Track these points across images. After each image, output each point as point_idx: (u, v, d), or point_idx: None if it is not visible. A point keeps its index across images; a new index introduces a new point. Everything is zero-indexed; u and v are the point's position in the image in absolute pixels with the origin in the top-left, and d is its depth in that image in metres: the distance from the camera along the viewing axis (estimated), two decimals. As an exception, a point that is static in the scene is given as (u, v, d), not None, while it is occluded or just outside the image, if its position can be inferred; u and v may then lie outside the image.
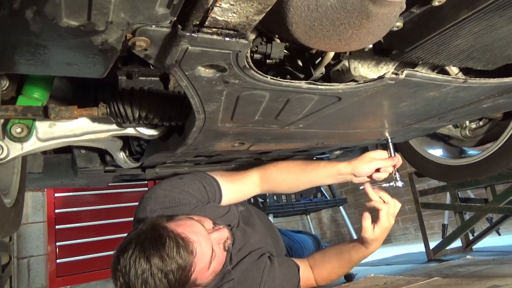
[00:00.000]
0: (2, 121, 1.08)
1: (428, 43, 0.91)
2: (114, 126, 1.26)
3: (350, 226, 4.74)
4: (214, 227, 1.28)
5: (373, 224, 1.39)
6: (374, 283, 1.69)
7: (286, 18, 0.69)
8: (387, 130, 1.49)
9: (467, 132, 2.13)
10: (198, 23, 0.62)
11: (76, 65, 0.70)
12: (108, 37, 0.60)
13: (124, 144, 1.49)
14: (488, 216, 2.77)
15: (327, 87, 0.92)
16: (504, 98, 1.24)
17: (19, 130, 1.09)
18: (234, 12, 0.60)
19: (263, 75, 0.82)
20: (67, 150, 1.61)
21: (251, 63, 0.77)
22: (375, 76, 1.15)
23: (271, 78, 0.84)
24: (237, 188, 1.52)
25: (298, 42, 0.75)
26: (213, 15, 0.60)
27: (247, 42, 0.68)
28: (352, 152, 2.14)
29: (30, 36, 0.57)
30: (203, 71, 0.77)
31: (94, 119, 1.23)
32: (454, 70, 1.25)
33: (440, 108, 1.27)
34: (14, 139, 1.09)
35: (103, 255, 4.31)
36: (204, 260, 1.16)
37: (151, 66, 1.14)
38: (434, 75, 0.97)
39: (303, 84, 0.89)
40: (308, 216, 5.49)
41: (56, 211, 4.34)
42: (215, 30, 0.64)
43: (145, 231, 1.13)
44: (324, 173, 1.49)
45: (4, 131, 1.08)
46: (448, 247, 2.67)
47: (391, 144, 1.52)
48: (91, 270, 4.27)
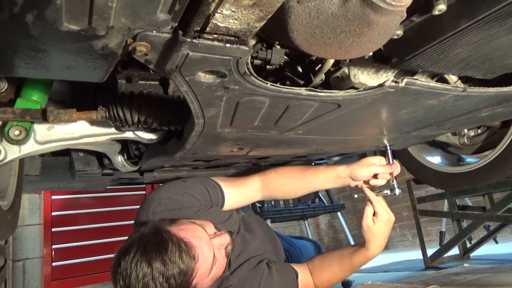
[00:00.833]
0: (0, 123, 1.07)
1: (428, 51, 0.91)
2: (113, 130, 1.26)
3: (348, 232, 4.72)
4: (216, 232, 1.27)
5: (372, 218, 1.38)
6: (372, 290, 1.69)
7: (287, 25, 0.69)
8: (386, 137, 1.50)
9: (466, 140, 2.14)
10: (199, 29, 0.62)
11: (76, 69, 0.70)
12: (109, 41, 0.60)
13: (122, 147, 1.49)
14: (486, 224, 2.76)
15: (326, 94, 0.92)
16: (502, 107, 1.24)
17: (17, 132, 1.09)
18: (236, 19, 0.60)
19: (263, 82, 0.82)
20: (65, 152, 1.60)
21: (252, 69, 0.77)
22: (375, 83, 1.15)
23: (271, 85, 0.84)
24: (239, 193, 1.52)
25: (298, 49, 0.75)
26: (214, 22, 0.60)
27: (247, 48, 0.68)
28: (350, 158, 2.14)
29: (30, 40, 0.57)
30: (203, 77, 0.77)
31: (93, 123, 1.23)
32: (453, 78, 1.25)
33: (439, 116, 1.27)
34: (12, 141, 1.09)
35: (100, 259, 4.29)
36: (206, 266, 1.16)
37: (151, 71, 1.13)
38: (434, 83, 0.98)
39: (303, 91, 0.89)
40: (306, 221, 5.47)
41: (53, 213, 4.32)
42: (216, 36, 0.64)
43: (147, 234, 1.12)
44: (323, 177, 1.49)
45: (2, 134, 1.07)
46: (446, 255, 2.66)
47: (389, 151, 1.52)
48: (87, 273, 4.24)
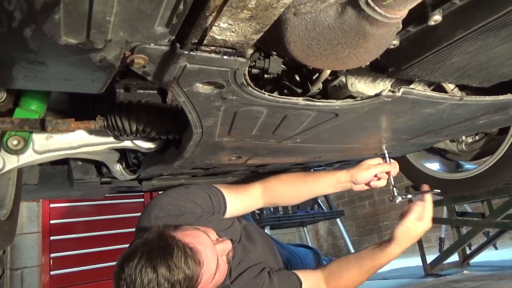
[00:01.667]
0: (-2, 133, 1.08)
1: (424, 61, 0.92)
2: (111, 139, 1.26)
3: (347, 238, 4.71)
4: (219, 238, 1.27)
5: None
6: (371, 298, 1.68)
7: (284, 37, 0.70)
8: (384, 145, 1.50)
9: (464, 147, 2.15)
10: (197, 41, 0.62)
11: (74, 81, 0.70)
12: (107, 54, 0.60)
13: (121, 156, 1.49)
14: (485, 230, 2.76)
15: (324, 103, 0.92)
16: (499, 114, 1.25)
17: (15, 142, 1.09)
18: (233, 31, 0.61)
19: (261, 92, 0.83)
20: (63, 161, 1.60)
21: (249, 80, 0.77)
22: (372, 92, 1.16)
23: (268, 95, 0.84)
24: (241, 200, 1.51)
25: (295, 60, 0.76)
26: (211, 34, 0.60)
27: (245, 60, 0.69)
28: (349, 165, 2.14)
29: (29, 53, 0.58)
30: (201, 88, 0.78)
31: (91, 132, 1.23)
32: (450, 86, 1.26)
33: (437, 124, 1.28)
34: (10, 151, 1.09)
35: (98, 267, 4.26)
36: (210, 272, 1.15)
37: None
38: (430, 92, 0.98)
39: (300, 101, 0.90)
40: (305, 228, 5.46)
41: (51, 221, 4.30)
42: (213, 48, 0.65)
43: (151, 240, 1.11)
44: (324, 182, 1.50)
45: (1, 143, 1.07)
46: (445, 262, 2.65)
47: (388, 159, 1.52)
48: (85, 282, 4.21)
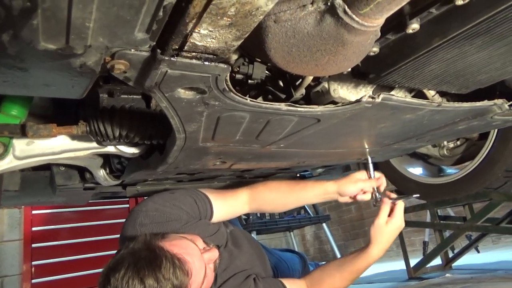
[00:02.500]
0: (-23, 138, 1.06)
1: (403, 68, 0.94)
2: (94, 144, 1.25)
3: (333, 243, 4.74)
4: (206, 247, 1.26)
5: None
6: (355, 302, 1.69)
7: (264, 43, 0.71)
8: (367, 150, 1.52)
9: (445, 152, 2.19)
10: (178, 47, 0.63)
11: (54, 86, 0.70)
12: (87, 60, 0.60)
13: (104, 161, 1.47)
14: (467, 233, 2.82)
15: (306, 109, 0.93)
16: (477, 120, 1.28)
17: (-5, 148, 1.07)
18: (213, 38, 0.61)
19: (243, 97, 0.83)
20: (45, 167, 1.58)
21: (231, 86, 0.78)
22: (354, 97, 1.18)
23: (250, 100, 0.85)
24: (227, 205, 1.51)
25: (276, 66, 0.77)
26: (192, 40, 0.61)
27: (226, 66, 0.69)
28: (334, 170, 2.16)
29: (7, 59, 0.57)
30: (183, 93, 0.78)
31: (74, 137, 1.22)
32: (431, 93, 1.29)
33: (417, 129, 1.31)
34: (-10, 157, 1.07)
35: (82, 275, 4.18)
36: (198, 281, 1.15)
37: (133, 85, 1.14)
38: (409, 99, 1.00)
39: (283, 106, 0.91)
40: (292, 233, 5.47)
41: (33, 228, 4.21)
42: (194, 54, 0.65)
43: (138, 250, 1.09)
44: (311, 192, 1.50)
45: (-21, 149, 1.06)
46: (428, 265, 2.69)
47: (371, 164, 1.54)
48: (68, 290, 4.13)
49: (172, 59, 0.64)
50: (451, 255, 2.83)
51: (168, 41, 0.61)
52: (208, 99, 0.81)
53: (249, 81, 1.05)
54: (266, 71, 1.08)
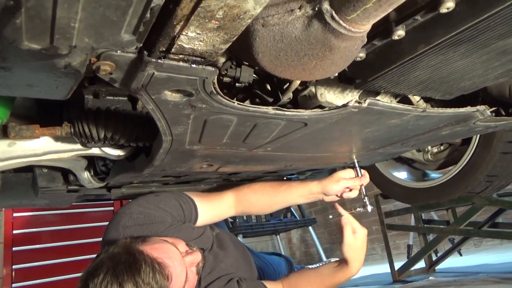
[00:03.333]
0: (-44, 139, 1.03)
1: (389, 73, 0.95)
2: (79, 146, 1.23)
3: (319, 246, 4.76)
4: (188, 250, 1.25)
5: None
6: (341, 305, 1.70)
7: (252, 47, 0.71)
8: (353, 154, 1.54)
9: (429, 156, 2.23)
10: (165, 49, 0.62)
11: (38, 86, 0.68)
12: (72, 60, 0.59)
13: (89, 163, 1.45)
14: (450, 237, 2.86)
15: (293, 113, 0.94)
16: (461, 126, 1.31)
17: (-25, 148, 1.05)
18: (201, 41, 0.61)
19: (230, 101, 0.83)
20: (27, 168, 1.54)
21: (218, 89, 0.78)
22: (341, 102, 1.19)
23: (238, 104, 0.85)
24: (213, 208, 1.50)
25: (264, 70, 0.77)
26: (179, 43, 0.60)
27: (213, 69, 0.69)
28: (321, 173, 2.17)
29: (-11, 58, 0.56)
30: (170, 95, 0.77)
31: (57, 139, 1.20)
32: (416, 98, 1.31)
33: (402, 134, 1.32)
34: (-31, 158, 1.05)
35: (64, 278, 4.10)
36: (178, 285, 1.14)
37: (119, 87, 1.12)
38: (395, 104, 1.02)
39: (270, 110, 0.91)
40: (278, 236, 5.47)
41: (14, 231, 4.11)
42: (181, 56, 0.65)
43: (117, 254, 1.08)
44: (296, 193, 1.52)
45: (-41, 150, 1.03)
46: (412, 268, 2.72)
47: (357, 168, 1.56)
48: (49, 294, 4.04)
49: (159, 61, 0.63)
50: (434, 258, 2.87)
51: (155, 43, 0.61)
52: (195, 102, 0.81)
53: (236, 84, 1.05)
54: (254, 75, 1.08)
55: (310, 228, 4.80)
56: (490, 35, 0.81)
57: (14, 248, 4.07)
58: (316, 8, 0.63)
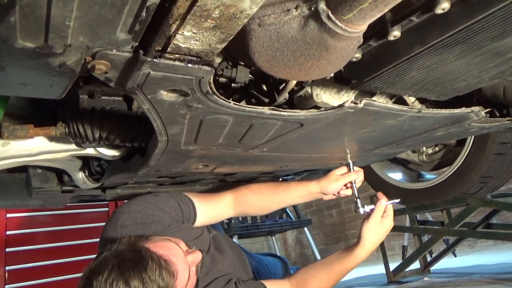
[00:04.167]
0: (-51, 139, 1.02)
1: (385, 74, 0.95)
2: (73, 146, 1.22)
3: (314, 247, 4.76)
4: (188, 249, 1.25)
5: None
6: (336, 306, 1.69)
7: (248, 47, 0.71)
8: (349, 155, 1.54)
9: (424, 157, 2.24)
10: (161, 49, 0.62)
11: (32, 85, 0.68)
12: (66, 59, 0.59)
13: (83, 164, 1.44)
14: (445, 238, 2.87)
15: (289, 113, 0.94)
16: (455, 127, 1.31)
17: (-32, 148, 1.04)
18: (197, 40, 0.61)
19: (226, 101, 0.83)
20: (21, 169, 1.53)
21: (214, 89, 0.78)
22: (337, 102, 1.19)
23: (234, 104, 0.85)
24: (211, 209, 1.50)
25: (260, 70, 0.77)
26: (175, 42, 0.60)
27: (209, 69, 0.69)
28: (316, 174, 2.17)
29: (-18, 56, 0.55)
30: (166, 95, 0.77)
31: (52, 139, 1.19)
32: (411, 99, 1.32)
33: (398, 135, 1.33)
34: (-38, 158, 1.03)
35: (58, 280, 4.07)
36: (182, 283, 1.13)
37: (114, 87, 1.12)
38: (391, 105, 1.02)
39: (266, 110, 0.91)
40: (273, 237, 5.46)
41: (8, 232, 4.07)
42: (177, 56, 0.64)
43: (122, 251, 1.06)
44: (294, 193, 1.52)
45: (-49, 150, 1.02)
46: (407, 269, 2.73)
47: (351, 164, 1.56)
48: (43, 295, 4.01)
49: (154, 60, 0.63)
50: (429, 259, 2.88)
51: (151, 42, 0.61)
52: (191, 102, 0.81)
53: (232, 84, 1.05)
54: (250, 75, 1.08)
55: (306, 229, 4.80)
56: (485, 37, 0.82)
57: (7, 249, 4.03)
58: (313, 8, 0.63)
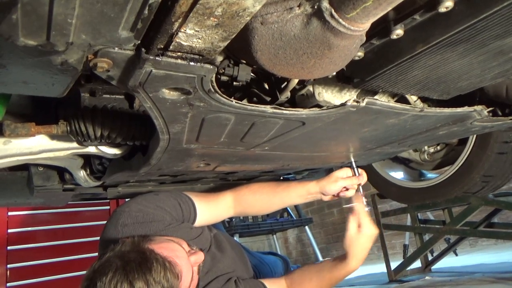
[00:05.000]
0: (-49, 137, 1.02)
1: (387, 73, 0.95)
2: (75, 144, 1.22)
3: (315, 246, 4.76)
4: (191, 250, 1.25)
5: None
6: (337, 305, 1.69)
7: (251, 45, 0.70)
8: (351, 153, 1.54)
9: (426, 156, 2.23)
10: (163, 47, 0.62)
11: (34, 84, 0.67)
12: (68, 57, 0.59)
13: (84, 162, 1.44)
14: (446, 237, 2.87)
15: (291, 112, 0.94)
16: (458, 126, 1.31)
17: (-31, 146, 1.04)
18: (199, 38, 0.61)
19: (228, 99, 0.83)
20: (23, 167, 1.53)
21: (216, 87, 0.77)
22: (339, 101, 1.19)
23: (236, 102, 0.85)
24: (211, 209, 1.50)
25: (263, 68, 0.77)
26: (177, 40, 0.60)
27: (212, 67, 0.69)
28: (318, 173, 2.17)
29: (-16, 54, 0.55)
30: (168, 93, 0.77)
31: (53, 137, 1.19)
32: (413, 98, 1.31)
33: (400, 134, 1.32)
34: (-36, 156, 1.03)
35: (59, 278, 4.08)
36: (185, 284, 1.14)
37: (116, 85, 1.12)
38: (393, 103, 1.02)
39: (268, 109, 0.91)
40: (274, 236, 5.47)
41: (9, 230, 4.08)
42: (179, 54, 0.64)
43: (126, 252, 1.06)
44: (294, 193, 1.52)
45: (-47, 148, 1.02)
46: (408, 268, 2.73)
47: (355, 168, 1.56)
48: (45, 293, 4.02)
49: (157, 58, 0.63)
50: (430, 258, 2.88)
51: (153, 40, 0.60)
52: (193, 100, 0.80)
53: (234, 83, 1.04)
54: (252, 74, 1.07)
55: (307, 227, 4.80)
56: (488, 35, 0.81)
57: (9, 247, 4.04)
58: (316, 6, 0.63)
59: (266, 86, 1.19)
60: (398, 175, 2.40)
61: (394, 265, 2.77)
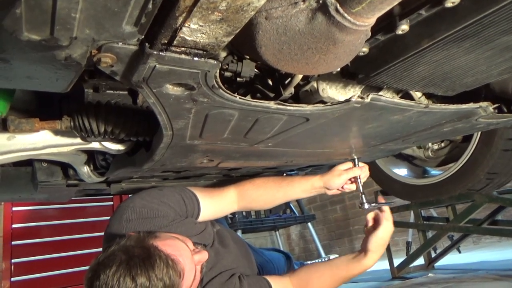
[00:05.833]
0: (-45, 132, 1.02)
1: (392, 69, 0.94)
2: (78, 140, 1.22)
3: (318, 242, 4.76)
4: (195, 248, 1.25)
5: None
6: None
7: (255, 40, 0.70)
8: (354, 150, 1.53)
9: (430, 153, 2.22)
10: (167, 42, 0.62)
11: (37, 79, 0.67)
12: (72, 52, 0.58)
13: (88, 158, 1.44)
14: (450, 234, 2.86)
15: (295, 108, 0.93)
16: (462, 123, 1.30)
17: (-26, 142, 1.04)
18: (203, 33, 0.60)
19: (232, 95, 0.82)
20: (27, 162, 1.54)
21: (220, 83, 0.77)
22: (343, 97, 1.18)
23: (240, 98, 0.84)
24: (215, 204, 1.50)
25: (267, 64, 0.76)
26: (181, 35, 0.60)
27: (216, 62, 0.68)
28: (321, 169, 2.17)
29: (-13, 49, 0.55)
30: (171, 89, 0.77)
31: (57, 133, 1.19)
32: (417, 94, 1.31)
33: (404, 130, 1.32)
34: (-32, 151, 1.04)
35: (62, 273, 4.11)
36: (188, 283, 1.14)
37: (119, 80, 1.11)
38: (398, 100, 1.01)
39: (272, 105, 0.90)
40: (277, 232, 5.48)
41: (14, 225, 4.11)
42: (183, 49, 0.64)
43: (131, 247, 1.07)
44: (298, 188, 1.52)
45: (-42, 143, 1.02)
46: (411, 265, 2.73)
47: (356, 160, 1.56)
48: (49, 288, 4.05)
49: (161, 53, 0.62)
50: (433, 255, 2.87)
51: (157, 35, 0.60)
52: (197, 96, 0.80)
53: (237, 79, 1.04)
54: (255, 69, 1.07)
55: (309, 224, 4.80)
56: (495, 31, 0.80)
57: (13, 242, 4.07)
58: (321, 1, 0.62)
59: (270, 82, 1.18)
60: (401, 172, 2.39)
61: (397, 262, 2.77)
